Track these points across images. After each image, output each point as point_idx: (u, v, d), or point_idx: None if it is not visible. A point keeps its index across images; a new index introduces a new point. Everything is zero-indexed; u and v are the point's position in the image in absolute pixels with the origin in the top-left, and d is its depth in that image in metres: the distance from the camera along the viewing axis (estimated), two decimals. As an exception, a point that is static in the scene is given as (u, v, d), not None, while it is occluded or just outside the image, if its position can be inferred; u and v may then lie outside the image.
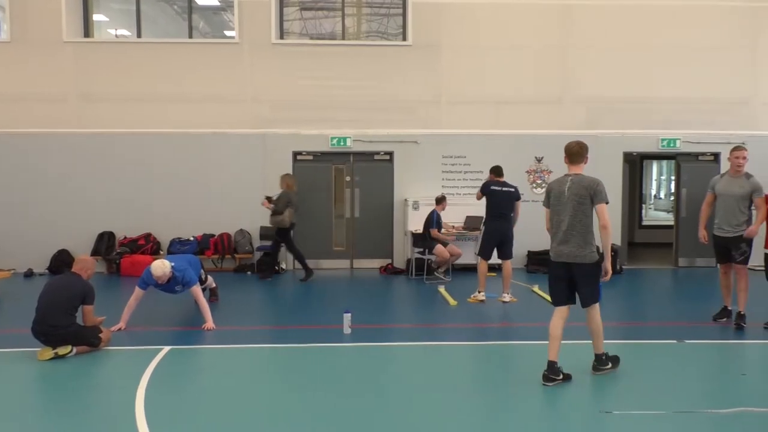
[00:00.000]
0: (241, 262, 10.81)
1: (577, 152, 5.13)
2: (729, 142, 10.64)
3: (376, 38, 11.74)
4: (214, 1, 12.31)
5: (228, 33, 12.02)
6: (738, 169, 6.72)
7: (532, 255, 10.83)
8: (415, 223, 10.45)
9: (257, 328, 7.10)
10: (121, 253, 10.55)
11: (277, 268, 10.56)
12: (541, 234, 10.13)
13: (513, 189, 8.16)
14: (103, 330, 6.10)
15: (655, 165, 21.83)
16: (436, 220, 9.64)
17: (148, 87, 10.84)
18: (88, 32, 11.32)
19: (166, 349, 5.99)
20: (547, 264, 11.23)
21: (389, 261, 11.08)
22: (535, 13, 11.02)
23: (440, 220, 9.72)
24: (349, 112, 10.98)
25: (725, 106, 11.18)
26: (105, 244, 10.69)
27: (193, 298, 7.01)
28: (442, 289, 8.84)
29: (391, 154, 11.15)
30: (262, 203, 9.84)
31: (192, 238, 10.76)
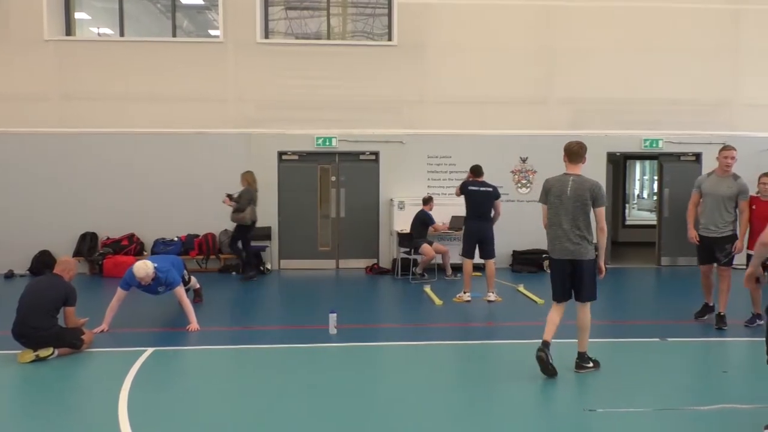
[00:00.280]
0: (225, 262, 10.75)
1: (577, 152, 5.25)
2: (710, 143, 10.85)
3: (362, 38, 11.73)
4: (198, 0, 12.23)
5: (212, 32, 11.93)
6: (726, 169, 6.64)
7: (517, 254, 10.89)
8: (401, 223, 10.47)
9: (242, 329, 7.06)
10: (103, 253, 10.44)
11: (262, 268, 10.55)
12: (526, 234, 10.38)
13: (491, 189, 8.17)
14: (85, 332, 6.03)
15: (638, 165, 22.08)
16: (431, 218, 9.79)
17: (131, 86, 10.73)
18: (69, 31, 11.18)
19: (150, 350, 5.94)
20: (532, 264, 11.28)
21: (375, 261, 11.08)
22: (520, 15, 11.08)
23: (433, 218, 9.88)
24: (334, 112, 10.97)
25: (707, 108, 11.33)
26: (87, 244, 10.57)
27: (177, 299, 6.96)
28: (428, 289, 8.87)
29: (376, 154, 11.15)
30: (223, 201, 9.64)
31: (176, 239, 10.70)
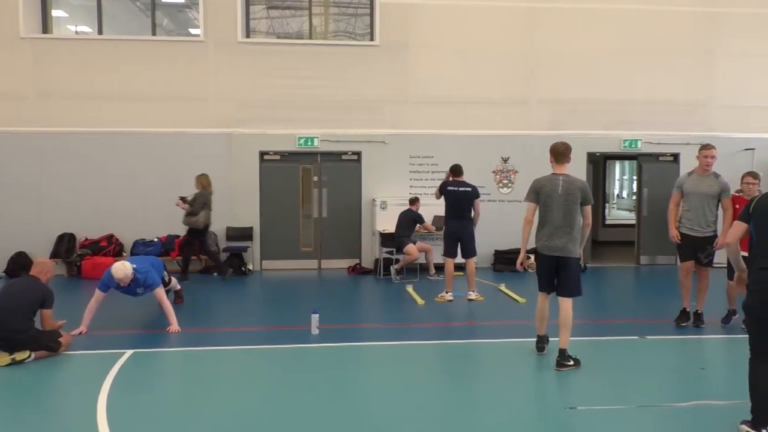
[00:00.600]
0: (207, 263, 10.66)
1: (563, 152, 5.53)
2: (688, 143, 11.01)
3: (344, 38, 11.71)
4: (178, -2, 12.13)
5: (193, 31, 11.82)
6: (706, 168, 6.63)
7: (499, 254, 10.95)
8: (383, 223, 10.47)
9: (223, 330, 7.01)
10: (81, 255, 10.29)
11: (244, 269, 10.49)
12: (508, 233, 10.43)
13: (470, 188, 8.20)
14: (63, 334, 5.95)
15: (618, 165, 22.33)
16: (421, 217, 9.87)
17: (109, 85, 10.59)
18: (46, 28, 10.99)
19: (129, 352, 5.87)
20: (514, 263, 11.36)
21: (357, 261, 11.07)
22: (501, 16, 11.15)
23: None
24: (316, 111, 10.93)
25: (684, 109, 11.50)
26: (65, 245, 10.41)
27: (157, 300, 6.88)
28: (410, 289, 8.88)
29: (358, 154, 11.14)
30: (177, 203, 9.50)
31: (156, 239, 10.58)
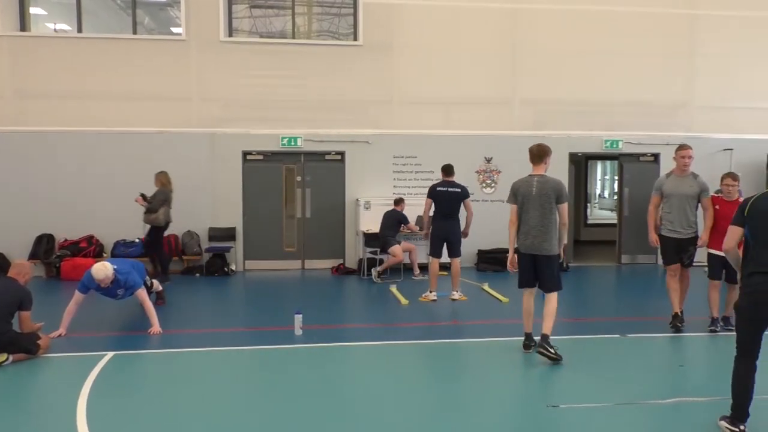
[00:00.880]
0: (189, 264, 10.57)
1: (537, 154, 5.73)
2: (668, 144, 11.13)
3: (327, 38, 11.68)
4: (159, -3, 12.00)
5: (175, 29, 11.70)
6: (684, 169, 6.61)
7: (482, 254, 11.00)
8: (367, 223, 10.46)
9: (206, 331, 6.95)
10: (61, 256, 10.15)
11: (226, 269, 10.42)
12: (491, 233, 10.47)
13: (460, 189, 8.24)
14: (42, 336, 5.86)
15: (600, 165, 22.53)
16: (405, 217, 9.89)
17: (89, 84, 10.46)
18: (24, 26, 10.82)
19: (110, 354, 5.80)
20: (497, 263, 11.42)
21: (341, 261, 11.05)
22: (485, 17, 11.19)
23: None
24: (299, 111, 10.89)
25: (664, 109, 11.64)
26: (44, 246, 10.25)
27: (139, 301, 6.81)
28: (393, 289, 8.88)
29: (342, 154, 11.12)
30: (136, 199, 9.26)
31: (137, 240, 10.45)
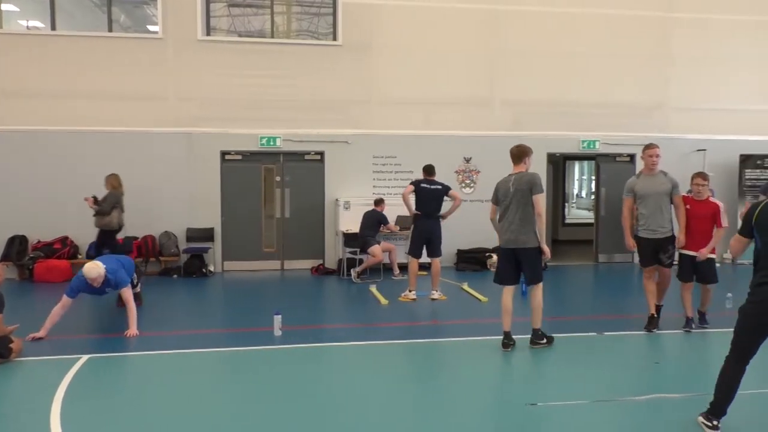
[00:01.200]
0: (166, 265, 10.46)
1: (516, 154, 5.96)
2: (644, 144, 11.28)
3: (306, 37, 11.64)
4: (135, -6, 11.82)
5: (151, 28, 11.55)
6: (652, 167, 6.64)
7: (461, 253, 11.05)
8: (347, 223, 10.45)
9: (183, 333, 6.87)
10: (34, 257, 9.97)
11: (204, 270, 10.33)
12: (471, 233, 10.55)
13: (440, 186, 8.26)
14: (14, 340, 5.73)
15: (577, 165, 22.81)
16: (385, 218, 9.90)
17: (63, 83, 10.28)
18: (-4, 23, 10.63)
19: (85, 357, 5.70)
20: (476, 262, 11.47)
21: (320, 261, 11.02)
22: (464, 18, 11.25)
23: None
24: (278, 111, 10.84)
25: (640, 111, 11.82)
26: (16, 248, 10.07)
27: (123, 299, 6.68)
28: (373, 289, 8.88)
29: (321, 154, 11.09)
30: (86, 199, 8.97)
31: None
